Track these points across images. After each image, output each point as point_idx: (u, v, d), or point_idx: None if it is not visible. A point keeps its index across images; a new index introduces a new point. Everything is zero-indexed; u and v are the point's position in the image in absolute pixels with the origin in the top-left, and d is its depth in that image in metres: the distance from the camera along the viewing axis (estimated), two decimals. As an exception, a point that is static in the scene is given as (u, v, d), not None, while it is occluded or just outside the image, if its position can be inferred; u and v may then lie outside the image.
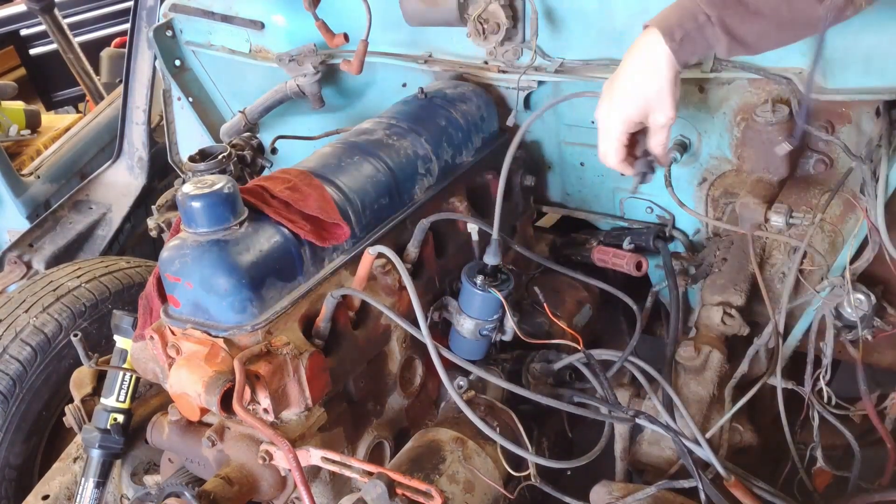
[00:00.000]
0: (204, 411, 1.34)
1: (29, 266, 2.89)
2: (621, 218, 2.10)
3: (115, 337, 1.71)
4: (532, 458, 1.53)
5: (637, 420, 1.56)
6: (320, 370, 1.41)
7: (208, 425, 1.45)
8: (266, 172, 2.19)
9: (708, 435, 1.57)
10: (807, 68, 1.66)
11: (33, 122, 3.84)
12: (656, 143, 1.52)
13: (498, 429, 1.55)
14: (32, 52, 4.85)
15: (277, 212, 1.44)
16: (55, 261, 2.87)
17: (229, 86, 2.51)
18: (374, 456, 1.62)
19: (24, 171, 3.22)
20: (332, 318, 1.46)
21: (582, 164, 2.07)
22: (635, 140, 1.54)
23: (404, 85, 2.17)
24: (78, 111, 4.83)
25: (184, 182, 2.04)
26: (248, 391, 1.32)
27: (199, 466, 1.49)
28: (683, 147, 1.86)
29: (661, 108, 1.44)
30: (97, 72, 4.23)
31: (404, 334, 1.64)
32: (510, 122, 1.97)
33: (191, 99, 2.53)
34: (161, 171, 3.08)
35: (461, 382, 1.65)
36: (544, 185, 2.18)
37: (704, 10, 1.35)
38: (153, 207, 2.27)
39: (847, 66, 1.58)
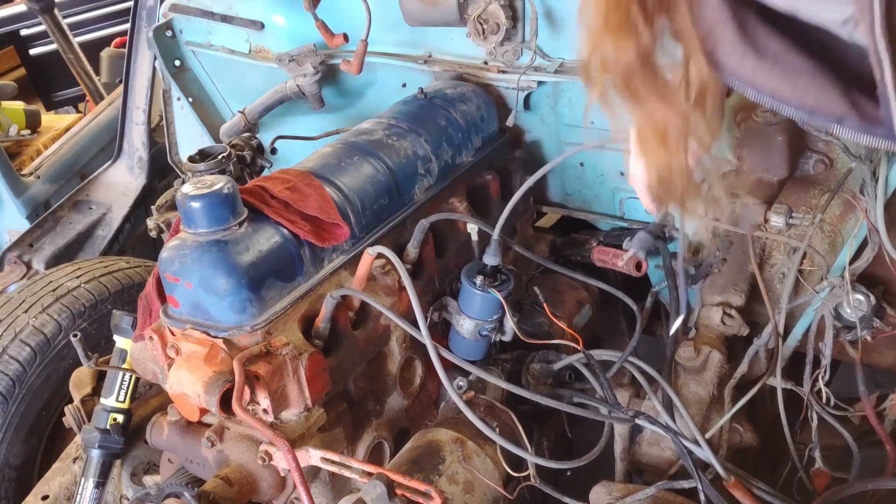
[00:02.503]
0: (203, 412, 1.33)
1: (29, 266, 2.88)
2: (621, 218, 2.10)
3: (115, 337, 1.71)
4: (532, 459, 1.53)
5: (637, 420, 1.55)
6: (320, 370, 1.41)
7: (208, 425, 1.45)
8: (266, 172, 2.18)
9: (708, 435, 1.57)
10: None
11: (33, 122, 3.83)
12: None
13: (498, 429, 1.54)
14: (32, 52, 4.84)
15: (277, 212, 1.44)
16: (55, 261, 2.86)
17: (229, 86, 2.51)
18: (374, 456, 1.61)
19: (24, 171, 3.21)
20: (332, 318, 1.45)
21: (582, 165, 2.07)
22: None
23: (404, 85, 2.16)
24: (78, 111, 4.82)
25: (183, 182, 2.04)
26: (247, 391, 1.32)
27: (198, 467, 1.49)
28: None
29: None
30: (97, 72, 4.23)
31: (404, 334, 1.64)
32: (510, 122, 1.97)
33: (191, 99, 2.53)
34: (161, 171, 3.07)
35: (461, 383, 1.65)
36: (544, 186, 2.18)
37: None
38: (153, 207, 2.26)
39: (847, 67, 1.58)
